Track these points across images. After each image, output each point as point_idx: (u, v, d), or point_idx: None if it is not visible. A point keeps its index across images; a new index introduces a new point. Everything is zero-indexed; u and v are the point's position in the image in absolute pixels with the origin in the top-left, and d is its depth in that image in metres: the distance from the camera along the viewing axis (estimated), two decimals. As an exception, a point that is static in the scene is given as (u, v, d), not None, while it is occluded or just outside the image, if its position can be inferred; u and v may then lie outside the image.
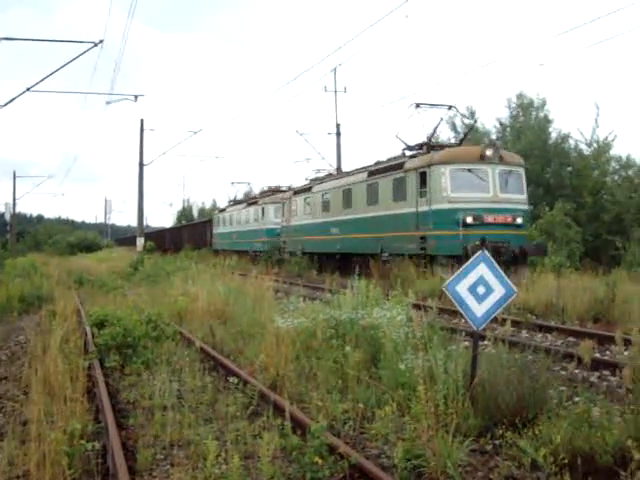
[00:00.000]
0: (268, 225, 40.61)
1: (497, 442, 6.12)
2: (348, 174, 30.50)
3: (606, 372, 9.15)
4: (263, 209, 41.77)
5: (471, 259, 6.70)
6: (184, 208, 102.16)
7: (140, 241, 44.42)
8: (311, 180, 36.69)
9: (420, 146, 24.71)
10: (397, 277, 18.06)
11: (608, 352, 10.71)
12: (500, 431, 6.09)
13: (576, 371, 9.04)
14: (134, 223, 59.43)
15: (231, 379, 8.25)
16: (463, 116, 25.28)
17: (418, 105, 24.52)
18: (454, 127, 48.42)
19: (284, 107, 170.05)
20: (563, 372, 8.98)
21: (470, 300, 6.59)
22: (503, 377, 6.54)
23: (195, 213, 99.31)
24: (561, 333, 12.71)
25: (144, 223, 54.30)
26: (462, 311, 6.69)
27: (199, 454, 5.99)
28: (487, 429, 6.34)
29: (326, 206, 30.86)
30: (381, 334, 8.58)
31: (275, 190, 44.69)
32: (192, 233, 63.06)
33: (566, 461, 5.18)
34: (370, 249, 25.53)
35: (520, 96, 41.67)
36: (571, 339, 12.12)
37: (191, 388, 8.27)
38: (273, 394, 7.56)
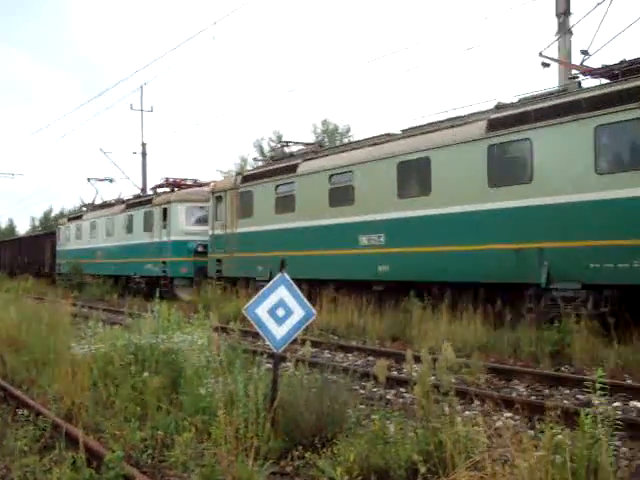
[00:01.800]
0: (175, 236, 27.38)
1: (297, 463, 6.17)
2: (402, 135, 17.55)
3: (402, 389, 9.56)
4: (165, 211, 27.93)
5: (271, 282, 6.75)
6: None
7: None
8: (266, 161, 23.72)
9: None
10: (202, 300, 17.95)
11: (405, 369, 11.22)
12: (299, 452, 6.16)
13: (374, 389, 9.35)
14: None
15: (21, 411, 7.74)
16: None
17: None
18: (261, 150, 49.17)
19: (87, 124, 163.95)
20: (362, 391, 9.26)
21: (270, 323, 6.63)
22: (303, 398, 6.62)
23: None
24: (361, 352, 13.15)
25: None
26: (262, 333, 6.72)
27: (-19, 494, 5.55)
28: (288, 451, 6.37)
29: (345, 194, 18.32)
30: (182, 359, 8.42)
31: (176, 184, 30.64)
32: (17, 252, 49.63)
33: (360, 477, 5.31)
34: (496, 274, 14.08)
35: (325, 122, 43.20)
36: (371, 358, 12.56)
37: (-25, 423, 7.68)
38: (66, 424, 7.16)
